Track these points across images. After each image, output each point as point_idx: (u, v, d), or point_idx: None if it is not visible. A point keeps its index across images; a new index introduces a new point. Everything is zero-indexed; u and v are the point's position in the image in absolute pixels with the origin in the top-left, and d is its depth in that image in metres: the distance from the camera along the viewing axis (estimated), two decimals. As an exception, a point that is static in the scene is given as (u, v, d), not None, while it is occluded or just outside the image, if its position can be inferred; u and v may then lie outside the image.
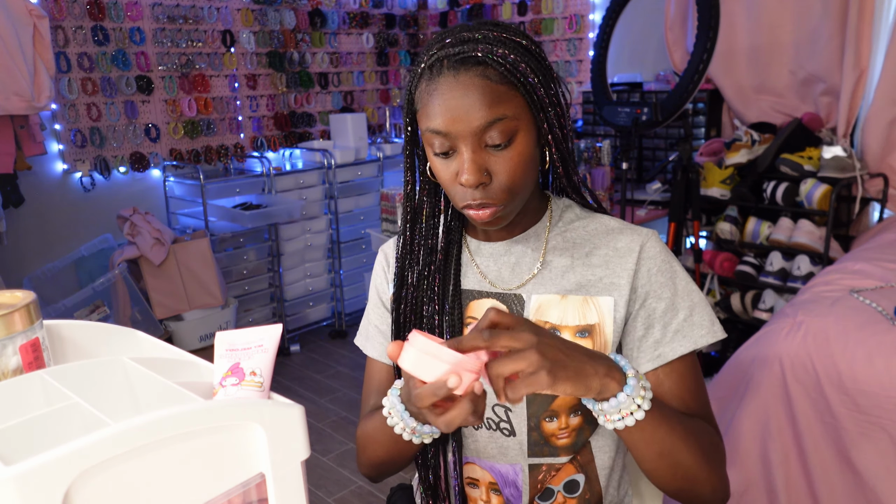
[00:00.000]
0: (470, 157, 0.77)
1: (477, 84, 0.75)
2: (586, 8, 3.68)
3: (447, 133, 0.77)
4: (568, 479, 0.90)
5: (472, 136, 0.77)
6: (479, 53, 0.76)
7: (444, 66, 0.77)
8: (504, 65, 0.76)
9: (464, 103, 0.75)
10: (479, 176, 0.77)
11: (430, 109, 0.78)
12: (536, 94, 0.79)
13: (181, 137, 3.51)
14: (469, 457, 0.92)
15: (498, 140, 0.77)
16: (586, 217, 0.92)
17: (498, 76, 0.76)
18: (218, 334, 0.68)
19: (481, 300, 0.90)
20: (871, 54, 2.65)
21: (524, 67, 0.77)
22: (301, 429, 0.56)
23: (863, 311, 1.73)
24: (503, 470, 0.90)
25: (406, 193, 0.91)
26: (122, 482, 0.47)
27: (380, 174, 3.87)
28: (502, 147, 0.78)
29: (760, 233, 2.79)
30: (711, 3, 2.41)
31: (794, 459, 1.66)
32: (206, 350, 2.99)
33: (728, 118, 3.22)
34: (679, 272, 0.87)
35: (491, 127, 0.76)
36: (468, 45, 0.76)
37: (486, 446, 0.89)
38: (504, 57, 0.76)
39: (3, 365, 0.64)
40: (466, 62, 0.76)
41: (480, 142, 0.77)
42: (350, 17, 4.13)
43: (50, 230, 3.16)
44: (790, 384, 1.67)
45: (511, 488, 0.90)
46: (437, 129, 0.78)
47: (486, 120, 0.76)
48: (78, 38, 3.09)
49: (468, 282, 0.92)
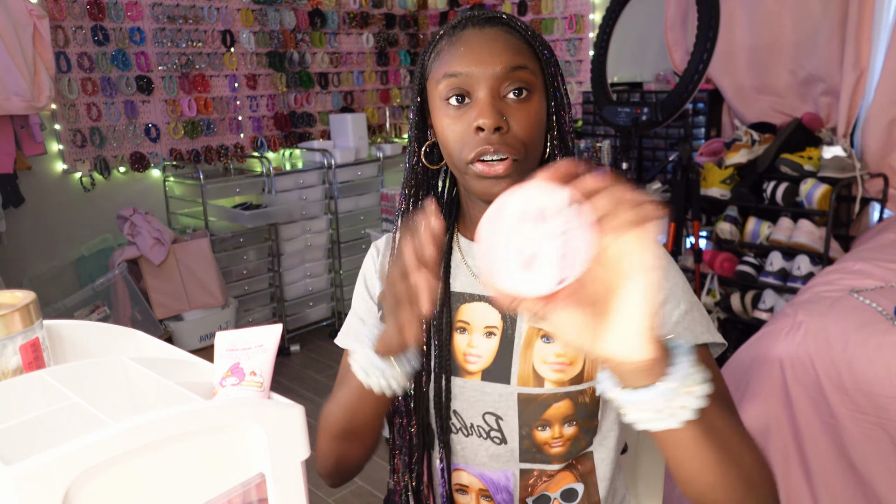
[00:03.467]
0: (489, 101, 0.76)
1: (502, 35, 0.78)
2: (586, 8, 3.68)
3: (468, 75, 0.77)
4: (566, 488, 0.88)
5: (493, 79, 0.76)
6: (504, 16, 0.80)
7: (470, 23, 0.80)
8: (527, 30, 0.80)
9: (489, 48, 0.77)
10: (498, 119, 0.75)
11: (450, 57, 0.79)
12: (550, 70, 0.81)
13: (181, 137, 3.51)
14: (458, 463, 0.90)
15: (517, 86, 0.77)
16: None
17: (521, 37, 0.80)
18: (218, 334, 0.68)
19: (473, 303, 0.87)
20: (871, 54, 2.66)
21: (541, 42, 0.81)
22: (301, 429, 0.56)
23: (863, 311, 1.73)
24: (494, 477, 0.88)
25: (411, 167, 0.88)
26: (122, 482, 0.47)
27: (380, 174, 3.87)
28: (521, 98, 0.77)
29: (760, 233, 2.79)
30: (711, 3, 2.41)
31: (794, 459, 1.66)
32: (206, 350, 2.99)
33: (728, 118, 3.22)
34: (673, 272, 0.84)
35: (512, 73, 0.77)
36: (494, 12, 0.81)
37: (476, 454, 0.87)
38: (524, 27, 0.81)
39: (3, 365, 0.64)
40: (492, 21, 0.80)
41: (499, 90, 0.77)
42: (350, 17, 4.13)
43: (50, 230, 3.16)
44: (790, 384, 1.67)
45: (503, 494, 0.88)
46: (457, 71, 0.77)
47: (510, 65, 0.77)
48: (78, 38, 3.09)
49: (459, 284, 0.88)
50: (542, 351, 0.83)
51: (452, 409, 0.87)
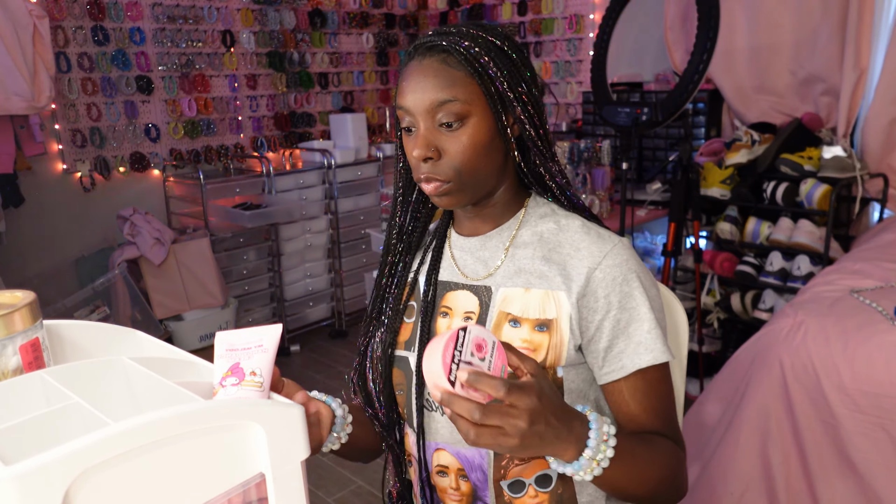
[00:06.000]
0: (422, 133, 0.86)
1: (435, 67, 0.84)
2: (586, 8, 3.68)
3: (408, 109, 0.86)
4: (540, 474, 0.90)
5: (426, 113, 0.85)
6: (444, 43, 0.85)
7: (416, 52, 0.87)
8: (465, 54, 0.84)
9: (423, 84, 0.85)
10: (426, 150, 0.85)
11: (400, 88, 0.88)
12: (495, 87, 0.85)
13: (181, 137, 3.52)
14: (438, 442, 0.94)
15: (447, 119, 0.84)
16: (559, 214, 0.94)
17: (457, 63, 0.84)
18: (218, 334, 0.68)
19: (457, 291, 0.95)
20: (871, 54, 2.65)
21: (486, 60, 0.84)
22: (301, 428, 0.56)
23: (863, 311, 1.73)
24: (469, 455, 0.92)
25: (397, 170, 0.98)
26: (122, 482, 0.47)
27: (380, 174, 3.87)
28: (453, 127, 0.85)
29: (760, 233, 2.79)
30: (711, 3, 2.40)
31: (794, 459, 1.66)
32: (206, 350, 2.99)
33: (728, 118, 3.22)
34: (637, 286, 0.87)
35: (442, 107, 0.84)
36: (440, 37, 0.85)
37: (452, 431, 0.92)
38: (467, 49, 0.84)
39: (3, 365, 0.64)
40: (433, 49, 0.85)
41: (434, 120, 0.85)
42: (350, 17, 4.13)
43: (50, 230, 3.16)
44: (790, 384, 1.67)
45: (477, 472, 0.92)
46: (400, 104, 0.87)
47: (439, 100, 0.84)
48: (78, 38, 3.09)
49: (446, 273, 0.98)
50: (508, 334, 0.89)
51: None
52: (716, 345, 2.99)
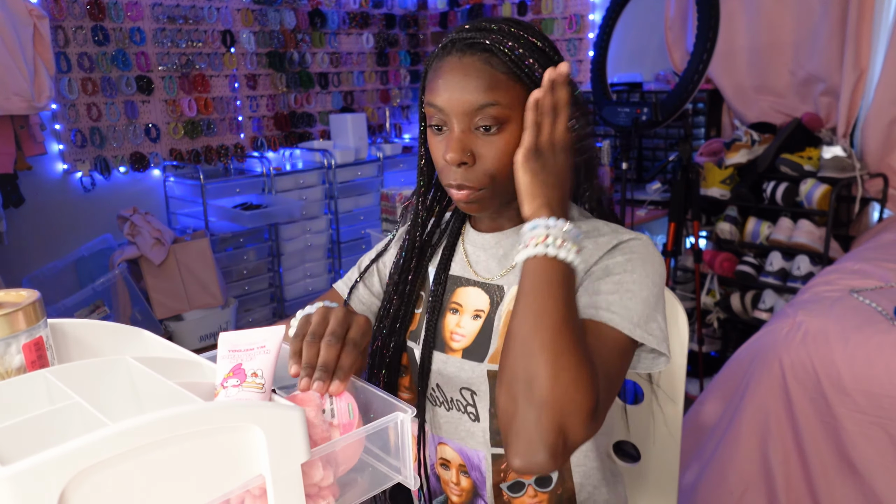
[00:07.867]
0: (457, 136, 0.81)
1: (478, 68, 0.79)
2: (586, 8, 3.68)
3: (441, 107, 0.81)
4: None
5: (464, 115, 0.80)
6: (487, 41, 0.80)
7: (455, 48, 0.81)
8: (510, 55, 0.79)
9: (462, 84, 0.79)
10: (462, 155, 0.80)
11: (433, 85, 0.83)
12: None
13: (181, 137, 3.51)
14: (442, 437, 0.94)
15: (485, 123, 0.80)
16: (581, 219, 0.90)
17: (502, 65, 0.80)
18: (221, 335, 0.68)
19: (468, 287, 0.93)
20: (871, 54, 2.65)
21: (531, 63, 0.80)
22: (301, 431, 0.56)
23: (863, 311, 1.73)
24: (469, 453, 0.92)
25: (419, 168, 0.95)
26: (120, 483, 0.47)
27: (380, 174, 3.87)
28: (491, 131, 0.80)
29: (760, 233, 2.79)
30: (711, 3, 2.41)
31: (794, 459, 1.66)
32: (206, 350, 2.99)
33: (728, 118, 3.22)
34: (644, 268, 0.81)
35: (482, 110, 0.79)
36: (481, 33, 0.81)
37: (457, 428, 0.91)
38: (511, 49, 0.80)
39: (7, 363, 0.64)
40: (474, 47, 0.80)
41: (471, 123, 0.81)
42: (350, 17, 4.13)
43: (50, 230, 3.16)
44: (790, 384, 1.67)
45: (476, 472, 0.92)
46: (434, 103, 0.82)
47: (479, 103, 0.79)
48: (78, 38, 3.09)
49: (458, 268, 0.96)
50: None
51: (435, 383, 0.92)
52: (716, 345, 2.99)
